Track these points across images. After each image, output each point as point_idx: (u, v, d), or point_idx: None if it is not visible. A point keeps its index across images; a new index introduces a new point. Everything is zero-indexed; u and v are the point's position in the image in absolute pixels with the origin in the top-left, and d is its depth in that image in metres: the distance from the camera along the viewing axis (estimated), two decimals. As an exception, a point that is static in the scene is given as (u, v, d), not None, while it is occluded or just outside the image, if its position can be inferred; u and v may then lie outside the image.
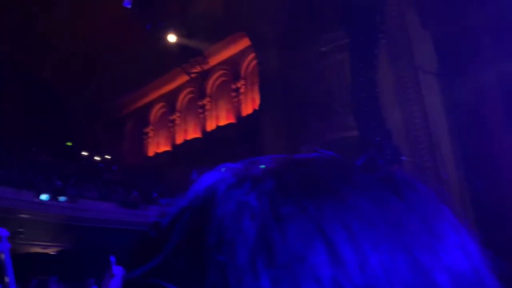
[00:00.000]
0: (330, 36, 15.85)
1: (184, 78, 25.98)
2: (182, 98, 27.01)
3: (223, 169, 0.37)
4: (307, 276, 0.28)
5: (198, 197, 0.34)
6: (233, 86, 24.19)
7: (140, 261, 0.32)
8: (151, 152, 27.87)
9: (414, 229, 0.32)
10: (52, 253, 16.49)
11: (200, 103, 25.61)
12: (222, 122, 24.38)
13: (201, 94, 25.59)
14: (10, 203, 14.95)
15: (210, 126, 24.88)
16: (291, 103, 17.06)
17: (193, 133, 25.85)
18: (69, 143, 26.43)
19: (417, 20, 14.20)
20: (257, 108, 22.01)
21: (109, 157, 25.59)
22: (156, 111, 28.41)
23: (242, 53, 23.77)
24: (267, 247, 0.29)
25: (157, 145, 27.85)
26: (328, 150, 0.40)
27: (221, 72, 25.13)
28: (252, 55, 22.53)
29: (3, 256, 1.30)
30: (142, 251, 0.34)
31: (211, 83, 25.47)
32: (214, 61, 24.75)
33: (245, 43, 22.77)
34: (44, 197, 15.69)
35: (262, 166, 0.36)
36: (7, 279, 1.27)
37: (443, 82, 13.69)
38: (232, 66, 24.35)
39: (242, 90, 23.92)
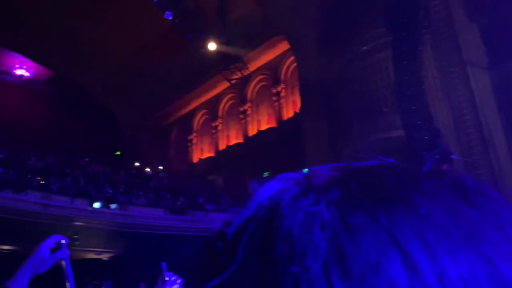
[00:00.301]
0: (371, 34, 15.52)
1: (225, 85, 26.35)
2: (224, 105, 27.39)
3: (283, 179, 0.37)
4: (383, 287, 0.27)
5: (261, 207, 0.34)
6: (273, 90, 24.24)
7: (210, 272, 0.32)
8: (195, 159, 28.43)
9: (491, 237, 0.30)
10: (105, 258, 17.17)
11: (241, 109, 25.86)
12: (264, 127, 24.47)
13: (242, 99, 25.84)
14: (66, 211, 15.74)
15: (252, 131, 25.04)
16: (333, 104, 16.83)
17: (235, 139, 26.12)
18: (118, 153, 27.53)
19: (462, 13, 13.61)
20: (298, 111, 21.92)
21: (155, 165, 26.37)
22: (199, 119, 28.99)
23: (281, 57, 23.79)
24: (340, 258, 0.28)
25: (201, 152, 28.38)
26: (372, 152, 0.40)
27: (261, 77, 25.26)
28: (291, 58, 22.47)
29: (64, 263, 1.37)
30: (211, 262, 0.34)
31: (251, 88, 25.66)
32: (253, 66, 24.94)
33: (283, 46, 22.77)
34: (96, 205, 16.38)
35: (323, 176, 0.35)
36: (68, 285, 1.34)
37: (494, 76, 13.00)
38: (272, 70, 24.41)
39: (282, 94, 23.92)
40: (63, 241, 1.44)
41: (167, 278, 1.71)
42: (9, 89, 26.48)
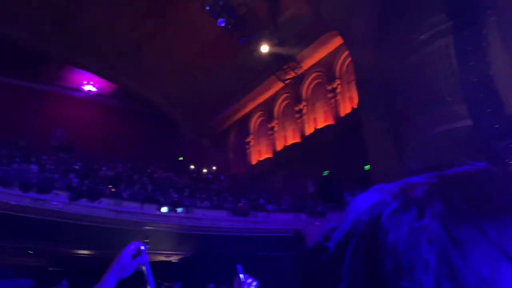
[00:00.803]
0: (429, 22, 14.79)
1: (279, 85, 26.42)
2: (279, 105, 27.46)
3: (378, 191, 0.37)
4: None
5: (360, 221, 0.34)
6: (329, 87, 23.90)
7: (318, 286, 0.33)
8: (254, 161, 28.76)
9: None
10: (174, 261, 17.89)
11: (296, 108, 25.78)
12: (320, 125, 24.20)
13: (297, 99, 25.75)
14: (136, 217, 16.62)
15: (309, 129, 24.86)
16: (393, 97, 16.25)
17: (292, 139, 26.08)
18: (180, 158, 28.58)
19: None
20: (356, 106, 21.43)
21: (216, 168, 27.04)
22: (255, 121, 29.30)
23: (335, 53, 23.40)
24: (451, 273, 0.28)
25: (259, 153, 28.65)
26: (437, 144, 0.40)
27: (315, 74, 25.02)
28: (346, 53, 22.04)
29: (144, 268, 1.48)
30: (317, 276, 0.35)
31: (306, 87, 25.49)
32: (307, 64, 24.77)
33: (337, 42, 22.39)
34: (164, 209, 17.12)
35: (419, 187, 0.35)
36: None
37: None
38: (326, 67, 24.09)
39: (338, 90, 23.52)
40: (142, 247, 1.54)
41: (243, 280, 1.75)
42: (79, 104, 28.50)
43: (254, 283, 1.78)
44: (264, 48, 22.91)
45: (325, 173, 22.46)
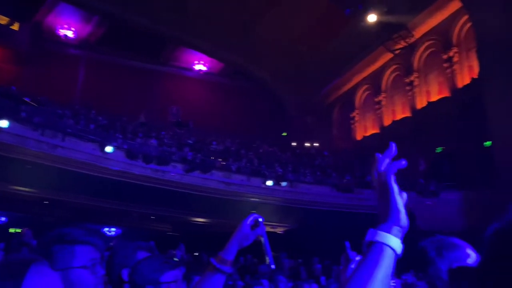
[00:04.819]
0: None
1: (387, 57, 24.96)
2: (387, 78, 26.01)
3: None
4: None
5: None
6: (444, 56, 21.84)
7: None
8: (359, 136, 27.92)
9: None
10: (279, 232, 18.50)
11: (407, 80, 24.14)
12: (434, 98, 22.37)
13: (408, 70, 24.07)
14: (243, 189, 17.48)
15: (421, 103, 23.18)
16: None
17: (401, 113, 24.62)
18: (284, 134, 29.02)
19: None
20: (476, 76, 19.36)
21: (320, 143, 26.88)
22: (360, 95, 28.25)
23: (452, 18, 21.20)
24: None
25: (365, 129, 27.69)
26: None
27: (428, 43, 23.05)
28: (465, 17, 19.86)
29: (262, 238, 1.59)
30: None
31: (418, 57, 23.65)
32: (419, 32, 22.90)
33: (454, 6, 20.26)
34: (269, 183, 17.70)
35: None
36: (267, 258, 1.55)
37: None
38: (441, 34, 22.00)
39: (455, 59, 21.39)
40: (260, 219, 1.64)
41: (351, 258, 1.75)
42: (191, 83, 30.48)
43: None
44: (372, 18, 21.71)
45: (439, 149, 20.87)
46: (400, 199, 0.91)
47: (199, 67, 31.20)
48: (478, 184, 16.37)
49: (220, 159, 18.45)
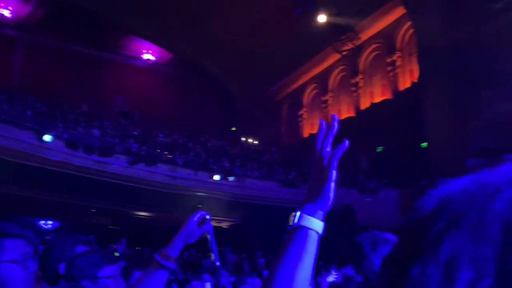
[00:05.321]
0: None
1: (335, 57, 25.72)
2: (334, 78, 26.82)
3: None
4: None
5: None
6: (388, 60, 22.90)
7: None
8: (306, 133, 28.59)
9: None
10: (225, 227, 18.53)
11: (353, 81, 25.04)
12: (377, 99, 23.40)
13: (354, 71, 24.98)
14: (190, 183, 17.31)
15: (365, 104, 24.16)
16: (458, 71, 15.32)
17: (346, 112, 25.52)
18: (233, 129, 29.05)
19: None
20: (416, 81, 20.47)
21: (268, 140, 27.22)
22: (309, 93, 28.91)
23: (397, 23, 22.26)
24: None
25: (312, 126, 28.40)
26: (503, 124, 0.39)
27: (374, 46, 24.04)
28: (408, 24, 20.90)
29: (208, 235, 1.59)
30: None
31: (364, 59, 24.61)
32: (366, 35, 23.81)
33: (399, 12, 21.26)
34: (216, 177, 17.65)
35: None
36: (212, 255, 1.56)
37: None
38: (386, 38, 23.03)
39: (398, 63, 22.49)
40: (207, 216, 1.64)
41: None
42: (138, 72, 29.57)
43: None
44: (322, 18, 22.26)
45: (379, 149, 21.89)
46: (333, 186, 0.94)
47: (148, 56, 30.33)
48: (414, 182, 17.36)
49: (167, 152, 18.12)
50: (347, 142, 0.94)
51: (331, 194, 0.94)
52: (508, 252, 0.28)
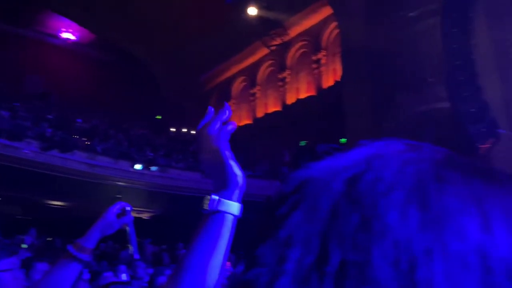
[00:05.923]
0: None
1: (264, 51, 26.05)
2: (263, 72, 27.18)
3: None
4: (453, 231, 0.29)
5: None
6: (314, 58, 23.72)
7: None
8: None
9: None
10: (145, 218, 18.01)
11: (280, 76, 25.58)
12: (303, 95, 24.17)
13: (281, 67, 25.51)
14: (110, 171, 16.51)
15: (290, 99, 24.82)
16: (377, 74, 16.30)
17: (273, 107, 26.04)
18: (158, 117, 28.22)
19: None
20: (339, 79, 21.43)
21: (195, 130, 26.86)
22: (237, 85, 29.00)
23: (324, 23, 23.09)
24: (422, 195, 0.30)
25: (239, 118, 28.56)
26: (416, 125, 0.41)
27: (301, 43, 24.73)
28: (334, 24, 21.78)
29: (128, 228, 1.52)
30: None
31: (291, 55, 25.23)
32: (294, 32, 24.40)
33: (326, 11, 22.05)
34: (138, 166, 17.05)
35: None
36: (131, 248, 1.50)
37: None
38: (313, 36, 23.81)
39: (323, 61, 23.38)
40: (128, 208, 1.60)
41: None
42: (56, 52, 27.45)
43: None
44: (252, 11, 22.37)
45: (302, 143, 22.64)
46: (234, 163, 0.93)
47: (67, 35, 28.26)
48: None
49: (85, 139, 17.10)
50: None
51: (236, 171, 0.93)
52: (330, 229, 0.30)
